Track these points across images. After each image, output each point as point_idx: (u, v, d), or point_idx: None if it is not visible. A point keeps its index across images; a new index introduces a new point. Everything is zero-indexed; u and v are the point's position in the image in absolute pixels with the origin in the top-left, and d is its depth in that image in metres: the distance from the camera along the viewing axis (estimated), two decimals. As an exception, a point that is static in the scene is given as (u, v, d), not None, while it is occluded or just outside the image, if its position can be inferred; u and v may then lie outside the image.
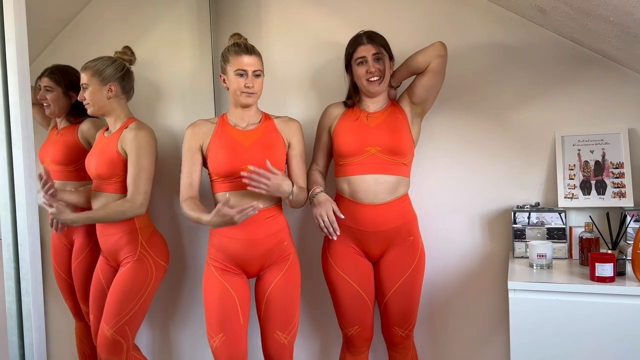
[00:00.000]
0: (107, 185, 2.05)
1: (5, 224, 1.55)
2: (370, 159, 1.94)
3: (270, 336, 1.92)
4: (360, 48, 1.95)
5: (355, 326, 2.01)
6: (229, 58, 1.89)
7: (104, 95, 2.05)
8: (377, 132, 1.95)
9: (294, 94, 2.35)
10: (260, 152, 1.87)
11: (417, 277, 2.00)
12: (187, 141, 1.94)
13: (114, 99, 2.08)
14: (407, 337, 2.04)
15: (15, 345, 1.55)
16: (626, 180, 1.95)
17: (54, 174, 2.24)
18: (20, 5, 1.54)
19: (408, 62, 1.99)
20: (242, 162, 1.84)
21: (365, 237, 1.97)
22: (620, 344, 1.62)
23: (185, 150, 1.94)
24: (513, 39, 2.10)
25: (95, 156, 2.07)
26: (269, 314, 1.92)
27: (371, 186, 1.93)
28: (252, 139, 1.90)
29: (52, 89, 2.26)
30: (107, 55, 2.12)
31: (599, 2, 1.53)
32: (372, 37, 1.96)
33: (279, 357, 1.94)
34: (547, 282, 1.69)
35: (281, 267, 1.93)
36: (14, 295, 1.55)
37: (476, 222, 2.18)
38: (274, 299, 1.91)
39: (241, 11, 2.41)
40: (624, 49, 1.83)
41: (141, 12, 2.46)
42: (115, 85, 2.07)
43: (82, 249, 2.28)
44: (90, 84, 2.04)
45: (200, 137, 1.93)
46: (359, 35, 1.99)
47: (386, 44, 1.98)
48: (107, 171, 2.03)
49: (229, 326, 1.85)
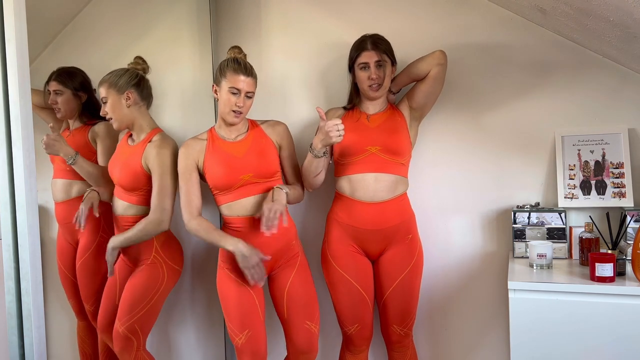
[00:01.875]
0: (130, 196, 2.10)
1: (5, 224, 1.55)
2: (370, 158, 1.96)
3: (301, 327, 1.98)
4: (364, 54, 1.97)
5: (355, 324, 2.02)
6: (226, 73, 1.90)
7: (123, 105, 2.07)
8: (377, 132, 1.98)
9: (294, 94, 2.35)
10: (254, 160, 1.93)
11: (416, 275, 2.02)
12: (182, 162, 1.97)
13: (134, 107, 2.10)
14: (406, 335, 2.05)
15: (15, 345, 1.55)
16: (626, 180, 1.95)
17: (64, 173, 2.26)
18: (20, 5, 1.54)
19: (409, 69, 2.01)
20: (240, 173, 1.91)
21: (364, 235, 1.99)
22: (620, 344, 1.62)
23: (182, 171, 1.97)
24: (513, 39, 2.10)
25: (119, 166, 2.10)
26: (293, 308, 1.98)
27: (371, 184, 1.96)
28: (244, 149, 1.94)
29: (61, 92, 2.25)
30: (121, 67, 2.14)
31: (599, 2, 1.53)
32: (376, 43, 1.97)
33: (311, 345, 2.00)
34: (547, 282, 1.69)
35: (292, 267, 2.00)
36: (14, 295, 1.54)
37: (476, 222, 2.18)
38: (295, 295, 1.98)
39: (241, 11, 2.41)
40: (624, 49, 1.83)
41: (141, 12, 2.46)
42: (132, 93, 2.08)
43: (86, 248, 2.28)
44: (108, 96, 2.07)
45: (194, 155, 1.96)
46: (363, 40, 2.00)
47: (390, 49, 2.00)
48: (131, 184, 2.07)
49: (251, 323, 1.91)
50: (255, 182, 1.93)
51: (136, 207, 2.10)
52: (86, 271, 2.29)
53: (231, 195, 1.93)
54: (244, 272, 1.85)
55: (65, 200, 2.28)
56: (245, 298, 1.92)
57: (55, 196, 2.31)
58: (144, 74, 2.18)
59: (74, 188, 2.26)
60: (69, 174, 2.27)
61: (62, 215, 2.30)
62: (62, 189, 2.28)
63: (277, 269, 2.00)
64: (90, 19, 2.52)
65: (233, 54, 1.97)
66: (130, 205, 2.10)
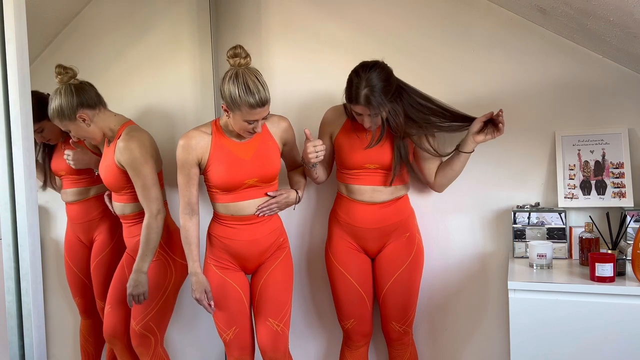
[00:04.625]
0: (120, 196, 2.09)
1: (5, 224, 1.54)
2: (368, 172, 1.98)
3: (263, 324, 1.94)
4: (357, 107, 1.84)
5: (351, 319, 2.06)
6: (240, 106, 1.73)
7: (84, 126, 1.99)
8: (374, 151, 1.96)
9: (293, 95, 2.35)
10: (260, 165, 1.89)
11: (414, 272, 2.03)
12: (182, 154, 1.85)
13: (94, 120, 2.01)
14: (406, 333, 2.06)
15: (15, 345, 1.55)
16: (626, 180, 1.95)
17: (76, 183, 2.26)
18: (20, 5, 1.53)
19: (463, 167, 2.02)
20: (245, 177, 1.87)
21: (362, 233, 2.01)
22: (620, 344, 1.62)
23: (181, 164, 1.86)
24: (513, 39, 2.09)
25: (102, 169, 2.08)
26: (261, 303, 1.96)
27: (368, 192, 2.00)
28: (251, 152, 1.89)
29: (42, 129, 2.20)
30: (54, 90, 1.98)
31: (599, 2, 1.53)
32: (369, 100, 1.79)
33: (273, 345, 1.92)
34: (547, 282, 1.69)
35: (277, 257, 1.99)
36: (14, 295, 1.54)
37: (476, 222, 2.18)
38: (268, 287, 1.95)
39: (241, 11, 2.40)
40: (624, 49, 1.83)
41: (141, 12, 2.46)
42: (82, 112, 1.96)
43: (103, 247, 2.29)
44: (67, 127, 2.00)
45: (197, 151, 1.86)
46: (357, 92, 1.80)
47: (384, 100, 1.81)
48: (115, 185, 2.05)
49: (239, 319, 1.93)
50: (258, 187, 1.91)
51: (130, 205, 2.08)
52: (103, 270, 2.29)
53: (231, 197, 1.89)
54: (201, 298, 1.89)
55: (81, 200, 2.29)
56: (232, 296, 1.92)
57: (66, 199, 2.31)
58: (75, 81, 1.99)
59: (91, 190, 2.27)
60: (82, 183, 2.27)
61: (77, 214, 2.30)
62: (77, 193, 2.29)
63: (263, 263, 1.99)
64: (90, 19, 2.52)
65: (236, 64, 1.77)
66: (124, 204, 2.09)
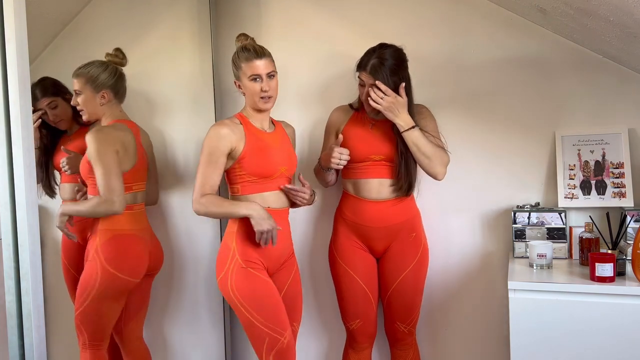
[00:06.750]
0: (89, 187, 2.05)
1: (5, 224, 1.54)
2: (374, 164, 1.98)
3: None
4: (363, 74, 1.91)
5: (357, 320, 2.04)
6: (240, 65, 1.83)
7: (97, 103, 2.03)
8: (380, 142, 1.97)
9: (294, 95, 2.35)
10: (287, 154, 1.93)
11: (419, 272, 2.03)
12: (214, 142, 1.80)
13: (106, 105, 2.06)
14: (410, 333, 2.06)
15: (15, 345, 1.55)
16: (626, 180, 1.95)
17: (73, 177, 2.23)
18: (20, 5, 1.53)
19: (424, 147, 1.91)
20: (279, 164, 1.88)
21: (369, 232, 2.01)
22: (620, 344, 1.62)
23: (211, 151, 1.80)
24: (513, 39, 2.09)
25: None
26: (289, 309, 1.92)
27: (375, 187, 1.99)
28: (277, 142, 1.92)
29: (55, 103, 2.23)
30: (98, 59, 2.08)
31: (599, 2, 1.53)
32: (375, 69, 1.86)
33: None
34: (547, 282, 1.69)
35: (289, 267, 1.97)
36: (14, 295, 1.54)
37: (476, 222, 2.18)
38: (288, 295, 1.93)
39: (241, 12, 2.40)
40: (624, 49, 1.83)
41: (141, 12, 2.46)
42: (108, 93, 2.04)
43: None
44: (83, 91, 2.02)
45: (232, 140, 1.81)
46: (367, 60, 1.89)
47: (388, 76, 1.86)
48: (84, 174, 2.02)
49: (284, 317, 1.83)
50: (286, 176, 1.91)
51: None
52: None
53: (266, 186, 1.85)
54: (257, 234, 1.77)
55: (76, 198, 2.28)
56: (274, 295, 1.83)
57: (64, 197, 2.31)
58: (121, 67, 2.11)
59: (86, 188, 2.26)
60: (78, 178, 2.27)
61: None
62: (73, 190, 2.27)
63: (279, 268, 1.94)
64: (90, 19, 2.52)
65: (240, 42, 1.89)
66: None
